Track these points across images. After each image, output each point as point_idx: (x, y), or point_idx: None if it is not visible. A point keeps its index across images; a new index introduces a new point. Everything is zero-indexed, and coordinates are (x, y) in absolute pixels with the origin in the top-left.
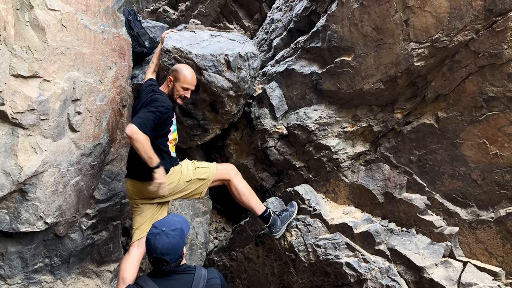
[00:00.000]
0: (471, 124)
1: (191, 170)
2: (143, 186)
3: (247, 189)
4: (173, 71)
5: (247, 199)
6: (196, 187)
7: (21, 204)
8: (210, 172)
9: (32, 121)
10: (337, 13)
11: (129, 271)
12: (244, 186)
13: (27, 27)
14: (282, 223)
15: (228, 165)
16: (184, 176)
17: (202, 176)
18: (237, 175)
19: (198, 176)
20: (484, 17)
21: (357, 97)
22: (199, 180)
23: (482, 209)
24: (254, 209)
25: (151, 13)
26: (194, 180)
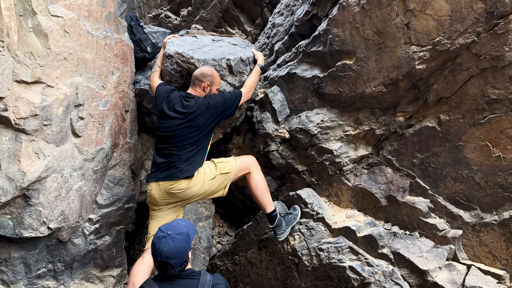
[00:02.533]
0: (473, 127)
1: (213, 167)
2: (173, 186)
3: (264, 184)
4: (207, 76)
5: (262, 194)
6: (220, 182)
7: (24, 209)
8: (230, 166)
9: (35, 127)
10: (338, 17)
11: (140, 277)
12: (261, 180)
13: (30, 33)
14: (287, 225)
15: (247, 157)
16: (208, 175)
17: (224, 170)
18: (256, 167)
19: (221, 171)
20: (485, 19)
21: (359, 100)
22: (222, 175)
23: (485, 212)
24: (265, 206)
25: (153, 18)
26: (217, 176)
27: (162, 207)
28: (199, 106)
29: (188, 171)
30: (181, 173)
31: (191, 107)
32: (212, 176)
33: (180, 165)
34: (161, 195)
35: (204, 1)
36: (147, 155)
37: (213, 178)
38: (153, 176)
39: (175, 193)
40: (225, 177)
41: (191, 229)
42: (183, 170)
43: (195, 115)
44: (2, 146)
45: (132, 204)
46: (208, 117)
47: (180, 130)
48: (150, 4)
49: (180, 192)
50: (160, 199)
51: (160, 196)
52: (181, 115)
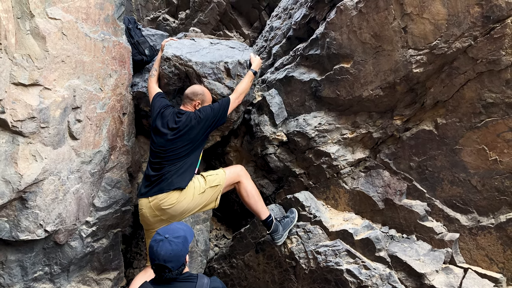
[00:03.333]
0: (470, 130)
1: (202, 181)
2: (163, 201)
3: (255, 192)
4: (198, 94)
5: (255, 202)
6: (210, 195)
7: (21, 212)
8: (219, 178)
9: (32, 129)
10: (335, 20)
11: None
12: (253, 188)
13: (28, 35)
14: (284, 229)
15: (236, 166)
16: (197, 189)
17: (214, 183)
18: (246, 176)
19: (210, 184)
20: (481, 24)
21: (356, 103)
22: (212, 188)
23: (482, 215)
24: (259, 213)
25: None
26: (207, 190)
27: (155, 225)
28: (190, 120)
29: (178, 182)
30: (172, 185)
31: (183, 122)
32: (201, 190)
33: (170, 177)
34: (152, 213)
35: (202, 4)
36: (145, 157)
37: (202, 192)
38: (143, 192)
39: (165, 209)
40: (215, 190)
41: (188, 232)
42: (174, 182)
43: (187, 129)
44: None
45: (129, 207)
46: (199, 129)
47: (173, 145)
48: (148, 7)
49: (170, 207)
50: (152, 217)
51: (152, 214)
52: (173, 131)
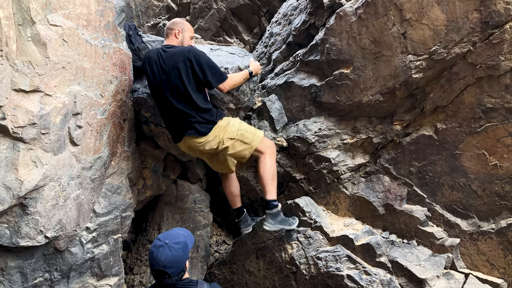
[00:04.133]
0: (470, 135)
1: (236, 129)
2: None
3: (274, 171)
4: (176, 23)
5: (270, 178)
6: (239, 150)
7: (21, 218)
8: (255, 138)
9: (33, 135)
10: (335, 26)
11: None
12: (273, 166)
13: (29, 42)
14: (279, 223)
15: (269, 141)
16: (227, 133)
17: (246, 140)
18: (274, 154)
19: (242, 138)
20: (480, 29)
21: (356, 109)
22: (242, 143)
23: (482, 220)
24: (268, 191)
25: (152, 27)
26: (237, 141)
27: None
28: (178, 53)
29: (205, 127)
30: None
31: (172, 54)
32: (231, 135)
33: (195, 124)
34: (191, 149)
35: (202, 11)
36: (145, 163)
37: (232, 138)
38: (182, 134)
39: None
40: (245, 147)
41: (189, 238)
42: (200, 127)
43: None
44: (0, 155)
45: (130, 212)
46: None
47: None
48: (148, 13)
49: (200, 145)
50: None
51: (189, 149)
52: (165, 67)
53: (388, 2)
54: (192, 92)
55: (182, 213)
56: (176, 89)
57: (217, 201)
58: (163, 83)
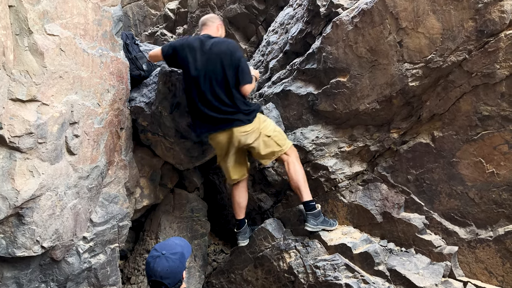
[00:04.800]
0: (467, 143)
1: (272, 129)
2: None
3: (303, 173)
4: (217, 18)
5: (302, 180)
6: (271, 149)
7: (18, 228)
8: (286, 143)
9: (29, 145)
10: (331, 35)
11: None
12: (301, 168)
13: (26, 52)
14: (322, 223)
15: (293, 145)
16: (265, 129)
17: (279, 142)
18: (297, 157)
19: (276, 139)
20: (476, 38)
21: (353, 117)
22: (276, 144)
23: (480, 228)
24: (303, 193)
25: (149, 36)
26: (271, 140)
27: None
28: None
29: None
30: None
31: (217, 43)
32: (268, 133)
33: (238, 114)
34: (226, 141)
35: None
36: (142, 172)
37: (268, 136)
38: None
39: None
40: (274, 149)
41: (186, 248)
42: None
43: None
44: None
45: (127, 222)
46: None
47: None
48: (146, 22)
49: (246, 134)
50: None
51: (226, 141)
52: (211, 55)
53: (384, 11)
54: (232, 83)
55: (180, 222)
56: (220, 79)
57: (215, 210)
58: (208, 71)
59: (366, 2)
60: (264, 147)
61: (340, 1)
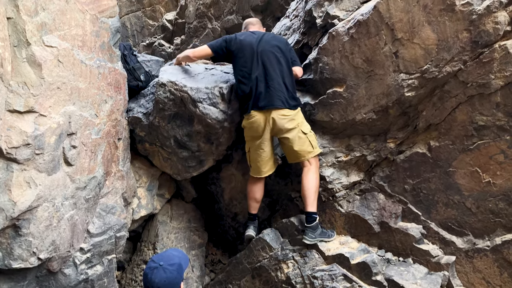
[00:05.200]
0: (463, 153)
1: (309, 129)
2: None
3: (317, 183)
4: (257, 22)
5: (314, 190)
6: (304, 148)
7: (14, 240)
8: (317, 147)
9: (27, 156)
10: (328, 46)
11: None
12: (317, 178)
13: (24, 63)
14: (320, 236)
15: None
16: (303, 126)
17: (313, 143)
18: (317, 167)
19: (311, 140)
20: (470, 48)
21: (350, 127)
22: (309, 144)
23: (478, 238)
24: (308, 203)
25: (147, 46)
26: (306, 139)
27: (265, 136)
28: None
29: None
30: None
31: (271, 34)
32: (306, 130)
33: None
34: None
35: (197, 30)
36: (140, 182)
37: (305, 133)
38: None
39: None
40: (309, 149)
41: (183, 259)
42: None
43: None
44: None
45: (124, 232)
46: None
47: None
48: (144, 33)
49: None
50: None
51: (267, 124)
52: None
53: (380, 22)
54: (288, 69)
55: (177, 233)
56: (279, 58)
57: (212, 220)
58: (266, 51)
59: (362, 14)
60: (299, 142)
61: (336, 13)
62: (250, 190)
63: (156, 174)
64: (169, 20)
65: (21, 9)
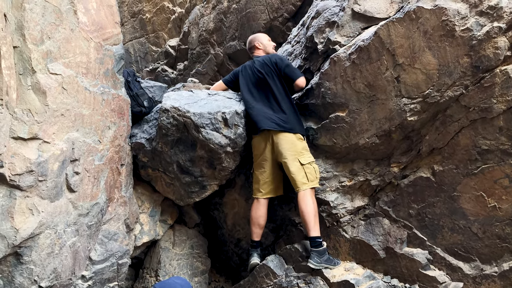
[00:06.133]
0: (467, 177)
1: (308, 161)
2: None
3: (315, 207)
4: (253, 39)
5: (313, 214)
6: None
7: (16, 267)
8: (315, 181)
9: (30, 183)
10: (329, 71)
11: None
12: (315, 202)
13: (29, 91)
14: (326, 262)
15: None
16: (303, 157)
17: (310, 176)
18: (313, 191)
19: (308, 172)
20: (471, 73)
21: (353, 151)
22: (304, 176)
23: (485, 263)
24: (311, 228)
25: (150, 72)
26: (302, 170)
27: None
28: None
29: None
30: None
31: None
32: (304, 162)
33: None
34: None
35: (200, 56)
36: (142, 208)
37: (302, 164)
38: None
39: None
40: (303, 180)
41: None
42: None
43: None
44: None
45: (126, 259)
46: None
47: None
48: (147, 59)
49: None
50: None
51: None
52: (259, 73)
53: (381, 48)
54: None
55: (180, 259)
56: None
57: (215, 246)
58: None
59: (363, 39)
60: (295, 171)
61: (337, 38)
62: (253, 216)
63: (159, 200)
64: (172, 46)
65: (27, 38)
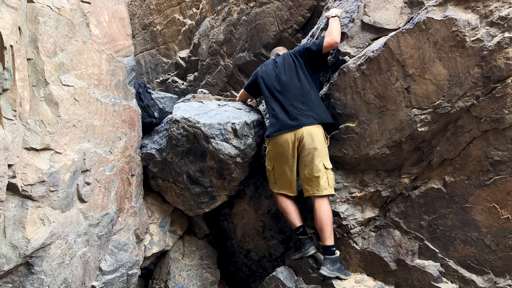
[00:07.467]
0: (479, 188)
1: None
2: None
3: (331, 216)
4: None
5: (329, 223)
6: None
7: (26, 278)
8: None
9: (41, 193)
10: (339, 82)
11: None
12: (330, 211)
13: (42, 102)
14: (337, 271)
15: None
16: (326, 161)
17: (330, 181)
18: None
19: (329, 177)
20: (482, 84)
21: (363, 162)
22: (326, 180)
23: (498, 276)
24: (326, 237)
25: (161, 83)
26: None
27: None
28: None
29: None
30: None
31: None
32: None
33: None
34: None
35: (210, 67)
36: (152, 218)
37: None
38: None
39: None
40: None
41: None
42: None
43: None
44: (8, 213)
45: (136, 270)
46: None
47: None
48: (158, 70)
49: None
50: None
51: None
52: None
53: (391, 59)
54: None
55: (189, 270)
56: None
57: (225, 257)
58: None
59: (373, 50)
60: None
61: (347, 49)
62: (282, 206)
63: (169, 210)
64: (182, 57)
65: (41, 50)
